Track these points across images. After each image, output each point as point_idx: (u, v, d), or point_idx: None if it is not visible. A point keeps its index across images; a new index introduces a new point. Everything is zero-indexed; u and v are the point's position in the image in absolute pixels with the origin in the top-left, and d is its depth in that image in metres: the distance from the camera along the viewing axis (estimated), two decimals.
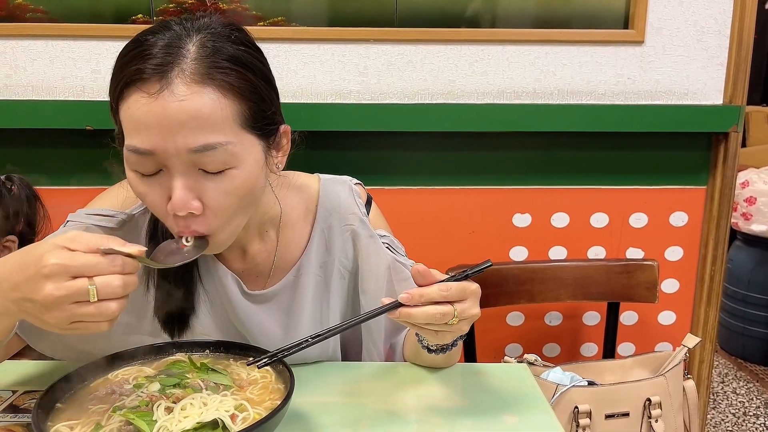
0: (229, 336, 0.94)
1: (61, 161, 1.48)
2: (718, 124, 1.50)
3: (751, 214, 2.68)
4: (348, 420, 0.82)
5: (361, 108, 1.45)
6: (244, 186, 0.76)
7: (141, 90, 0.70)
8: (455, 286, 0.75)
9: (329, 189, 0.98)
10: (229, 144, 0.73)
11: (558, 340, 1.68)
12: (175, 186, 0.72)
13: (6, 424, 0.78)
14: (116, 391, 0.74)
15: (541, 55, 1.48)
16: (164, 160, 0.72)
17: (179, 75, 0.70)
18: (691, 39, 1.49)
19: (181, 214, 0.73)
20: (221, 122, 0.72)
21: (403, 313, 0.74)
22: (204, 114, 0.70)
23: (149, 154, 0.72)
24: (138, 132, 0.71)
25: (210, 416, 0.67)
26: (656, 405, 1.24)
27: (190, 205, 0.73)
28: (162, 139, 0.70)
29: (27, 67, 1.43)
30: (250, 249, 0.94)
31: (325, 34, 1.44)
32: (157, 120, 0.70)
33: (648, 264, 1.44)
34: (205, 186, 0.74)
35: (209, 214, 0.75)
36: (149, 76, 0.70)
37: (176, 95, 0.69)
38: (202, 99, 0.70)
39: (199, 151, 0.71)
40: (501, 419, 0.83)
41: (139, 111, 0.70)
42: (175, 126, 0.70)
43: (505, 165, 1.55)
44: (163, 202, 0.74)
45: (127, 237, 0.89)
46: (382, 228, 1.01)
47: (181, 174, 0.72)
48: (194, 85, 0.70)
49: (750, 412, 2.44)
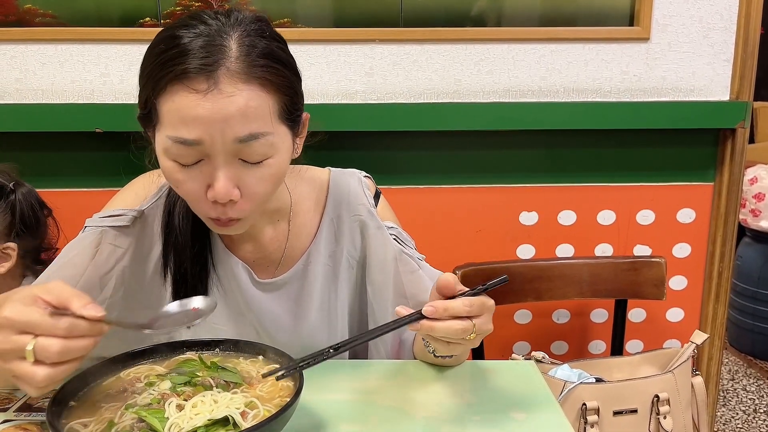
0: (240, 324, 0.97)
1: (70, 164, 1.50)
2: (725, 120, 1.50)
3: (759, 210, 2.66)
4: (357, 417, 0.82)
5: (368, 108, 1.46)
6: (278, 173, 0.81)
7: (188, 87, 0.73)
8: (477, 302, 0.74)
9: (339, 180, 1.01)
10: (269, 135, 0.77)
11: (566, 338, 1.68)
12: (218, 176, 0.76)
13: (20, 422, 0.79)
14: (128, 389, 0.75)
15: (546, 53, 1.48)
16: (209, 149, 0.75)
17: (225, 74, 0.73)
18: (697, 35, 1.49)
19: (222, 202, 0.77)
20: (263, 115, 0.76)
21: (425, 326, 0.73)
22: (249, 108, 0.74)
23: (195, 144, 0.75)
24: (185, 124, 0.74)
25: (221, 413, 0.68)
26: (664, 402, 1.23)
27: (232, 193, 0.77)
28: (209, 131, 0.74)
29: (37, 71, 1.45)
30: (262, 238, 0.96)
31: (331, 35, 1.45)
32: (206, 114, 0.73)
33: (655, 261, 1.44)
34: (244, 175, 0.78)
35: (245, 200, 0.79)
36: (196, 75, 0.73)
37: (224, 93, 0.73)
38: (248, 95, 0.74)
39: (244, 141, 0.75)
40: (509, 416, 0.83)
41: (188, 106, 0.73)
42: (223, 119, 0.73)
43: (512, 163, 1.55)
44: (201, 189, 0.78)
45: (140, 232, 0.93)
46: (390, 220, 1.02)
47: (224, 164, 0.76)
48: (240, 83, 0.74)
49: (760, 410, 2.43)
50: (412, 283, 1.00)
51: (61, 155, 1.49)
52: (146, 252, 0.95)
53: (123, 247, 0.93)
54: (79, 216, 1.33)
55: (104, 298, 0.92)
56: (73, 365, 0.65)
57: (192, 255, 0.93)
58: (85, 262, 0.91)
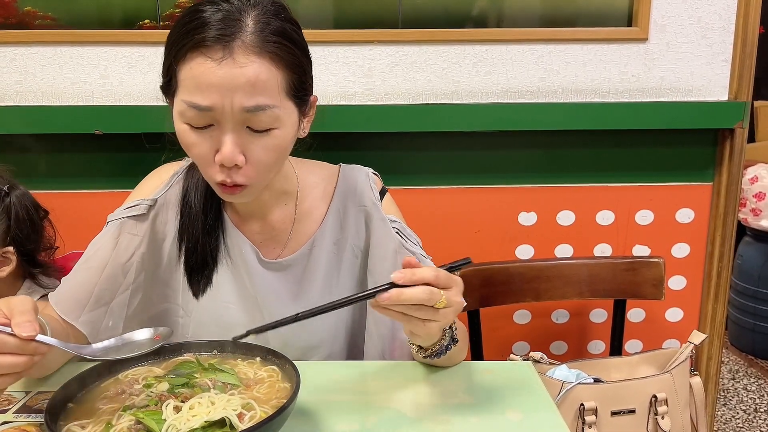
0: (246, 300, 1.01)
1: (70, 165, 1.50)
2: (724, 120, 1.50)
3: (760, 209, 2.66)
4: (354, 417, 0.83)
5: (366, 109, 1.46)
6: (282, 145, 0.87)
7: (205, 55, 0.80)
8: (443, 273, 0.76)
9: (348, 174, 1.07)
10: (276, 107, 0.83)
11: (565, 338, 1.68)
12: (225, 141, 0.82)
13: (20, 424, 0.80)
14: (126, 390, 0.76)
15: (544, 54, 1.49)
16: (219, 116, 0.81)
17: (240, 46, 0.80)
18: (696, 35, 1.49)
19: (228, 166, 0.83)
20: (271, 88, 0.82)
21: (394, 294, 0.73)
22: (259, 80, 0.81)
23: (207, 110, 0.81)
24: (200, 90, 0.80)
25: (218, 415, 0.68)
26: (662, 402, 1.24)
27: (237, 158, 0.83)
28: (221, 98, 0.80)
29: (36, 73, 1.45)
30: (269, 218, 1.02)
31: (330, 36, 1.45)
32: (219, 81, 0.79)
33: (654, 261, 1.45)
34: (250, 143, 0.84)
35: (250, 167, 0.85)
36: (213, 44, 0.79)
37: (237, 62, 0.79)
38: (259, 67, 0.80)
39: (251, 111, 0.81)
40: (505, 416, 0.84)
41: (203, 73, 0.80)
42: (234, 87, 0.80)
43: (511, 164, 1.56)
44: (210, 153, 0.84)
45: (155, 218, 1.00)
46: (394, 215, 1.06)
47: (231, 130, 0.82)
48: (252, 56, 0.80)
49: (761, 409, 2.43)
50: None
51: (60, 157, 1.50)
52: (161, 236, 1.01)
53: (140, 234, 0.99)
54: (79, 217, 1.35)
55: (128, 284, 0.98)
56: (5, 380, 0.68)
57: (204, 226, 0.99)
58: (107, 254, 0.97)
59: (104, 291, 0.96)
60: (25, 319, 0.67)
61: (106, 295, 0.96)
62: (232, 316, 1.01)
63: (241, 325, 0.99)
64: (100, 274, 0.96)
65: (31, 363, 0.68)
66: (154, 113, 1.41)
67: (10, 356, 0.67)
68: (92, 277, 0.96)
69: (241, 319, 1.01)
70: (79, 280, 0.96)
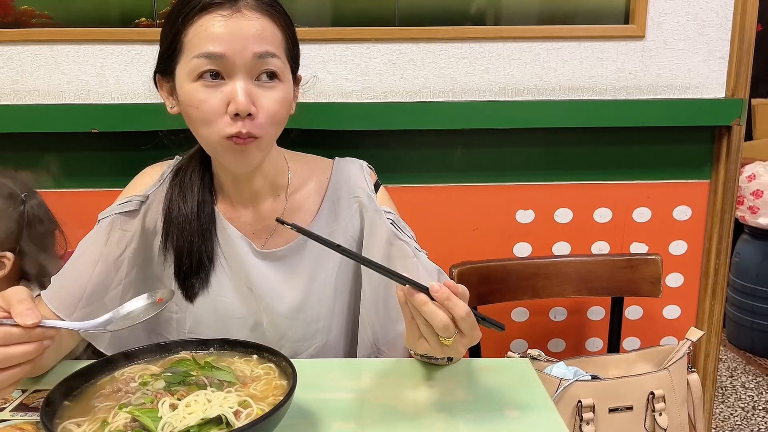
0: (241, 292, 1.01)
1: (67, 164, 1.50)
2: (721, 117, 1.50)
3: (758, 207, 2.67)
4: (351, 415, 0.83)
5: (363, 107, 1.46)
6: (286, 98, 0.91)
7: (214, 13, 0.86)
8: (472, 319, 0.74)
9: (341, 166, 1.08)
10: (280, 58, 0.89)
11: (563, 336, 1.68)
12: (238, 90, 0.86)
13: (16, 422, 0.80)
14: (122, 388, 0.76)
15: (542, 52, 1.48)
16: (230, 65, 0.86)
17: (245, 5, 0.87)
18: (693, 33, 1.49)
19: (243, 114, 0.86)
20: (276, 41, 0.89)
21: (420, 298, 0.72)
22: (266, 31, 0.88)
23: (219, 58, 0.85)
24: (211, 40, 0.85)
25: (214, 412, 0.68)
26: (660, 398, 1.24)
27: (251, 107, 0.86)
28: (232, 45, 0.85)
29: (33, 71, 1.45)
30: (261, 207, 1.02)
31: (327, 34, 1.45)
32: (230, 30, 0.85)
33: (652, 258, 1.45)
34: (259, 94, 0.88)
35: (260, 117, 0.88)
36: (221, 3, 0.86)
37: (246, 16, 0.86)
38: (264, 22, 0.88)
39: (262, 57, 0.87)
40: (503, 413, 0.84)
41: (214, 26, 0.85)
42: (244, 36, 0.86)
43: (508, 161, 1.56)
44: (221, 106, 0.86)
45: (146, 214, 1.01)
46: (388, 206, 1.06)
47: (243, 80, 0.86)
48: (257, 12, 0.88)
49: (759, 407, 2.44)
50: (404, 268, 1.02)
51: (57, 156, 1.50)
52: (152, 233, 1.02)
53: (131, 230, 1.00)
54: (75, 216, 1.34)
55: (120, 279, 0.99)
56: (19, 370, 0.68)
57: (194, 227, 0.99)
58: (99, 250, 0.98)
59: (97, 287, 0.97)
60: (25, 308, 0.67)
61: (99, 291, 0.97)
62: (229, 308, 1.02)
63: (239, 318, 1.01)
64: (92, 270, 0.96)
65: (42, 349, 0.68)
66: (151, 111, 1.41)
67: (20, 346, 0.67)
68: (85, 274, 0.96)
69: (239, 311, 1.02)
70: (71, 276, 0.97)
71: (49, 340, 0.69)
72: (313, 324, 1.03)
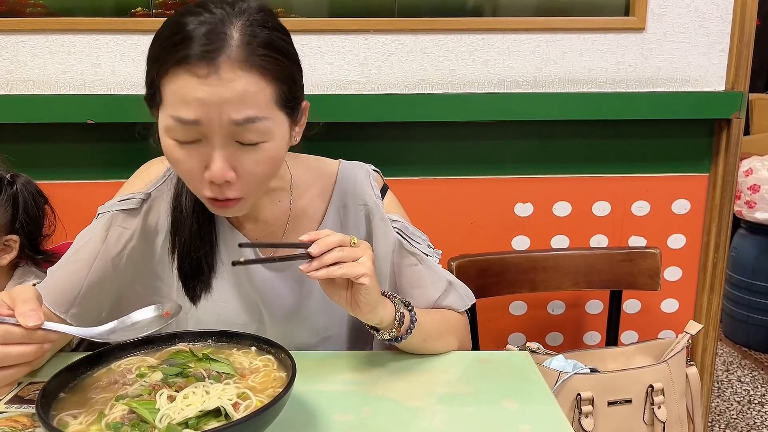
0: (245, 299, 0.99)
1: (62, 155, 1.49)
2: (720, 110, 1.50)
3: (755, 201, 2.67)
4: (349, 407, 0.82)
5: (362, 98, 1.45)
6: (274, 157, 0.84)
7: (189, 72, 0.76)
8: (339, 236, 0.82)
9: (347, 172, 1.04)
10: (265, 120, 0.80)
11: (561, 329, 1.68)
12: (215, 157, 0.79)
13: (11, 414, 0.79)
14: (119, 380, 0.75)
15: (541, 44, 1.48)
16: (206, 130, 0.78)
17: (226, 61, 0.76)
18: (693, 25, 1.48)
19: (218, 183, 0.80)
20: (261, 101, 0.79)
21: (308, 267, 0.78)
22: (247, 94, 0.77)
23: (193, 124, 0.77)
24: (185, 104, 0.77)
25: (212, 404, 0.67)
26: (659, 392, 1.23)
27: (227, 174, 0.80)
28: (207, 112, 0.77)
29: (27, 61, 1.43)
30: (262, 216, 0.99)
31: (325, 25, 1.44)
32: (205, 96, 0.76)
33: (650, 252, 1.44)
34: (241, 157, 0.81)
35: (241, 182, 0.82)
36: (198, 61, 0.75)
37: (223, 79, 0.76)
38: (246, 82, 0.77)
39: (241, 124, 0.78)
40: (502, 406, 0.83)
41: (187, 88, 0.76)
42: (221, 102, 0.76)
43: (507, 154, 1.55)
44: (198, 169, 0.81)
45: (147, 213, 0.98)
46: (396, 213, 1.04)
47: (220, 146, 0.79)
48: (239, 71, 0.76)
49: (755, 401, 2.44)
50: (409, 276, 1.02)
51: (52, 147, 1.48)
52: (154, 232, 0.99)
53: (131, 228, 0.97)
54: (70, 207, 1.33)
55: (118, 278, 0.97)
56: (16, 371, 0.68)
57: (197, 232, 0.96)
58: (97, 246, 0.95)
59: (94, 284, 0.95)
60: (29, 308, 0.66)
61: (95, 289, 0.95)
62: (231, 314, 1.00)
63: (241, 324, 0.99)
64: (89, 267, 0.94)
65: (41, 351, 0.68)
66: None
67: (19, 346, 0.66)
68: (81, 270, 0.94)
69: (241, 318, 1.00)
70: (67, 272, 0.95)
71: (49, 344, 0.68)
72: (317, 331, 1.02)
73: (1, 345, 0.65)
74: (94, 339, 0.73)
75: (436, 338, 0.97)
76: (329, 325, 1.03)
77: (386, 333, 0.89)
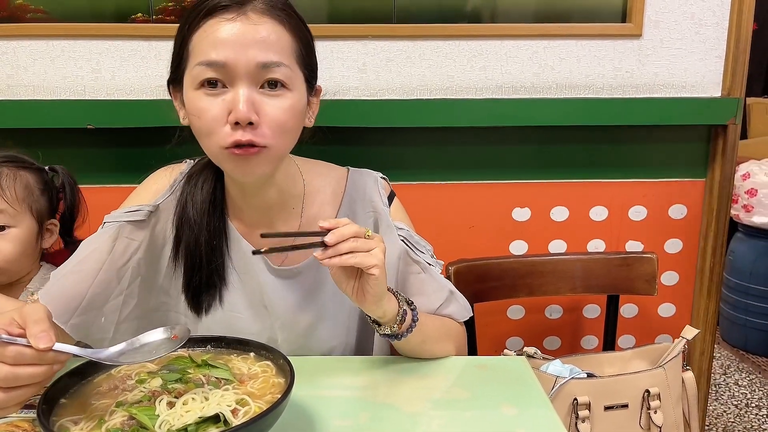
0: (256, 309, 1.00)
1: (62, 160, 1.48)
2: (717, 116, 1.51)
3: (752, 206, 2.68)
4: (348, 413, 0.83)
5: (360, 104, 1.46)
6: (293, 108, 0.87)
7: (218, 18, 0.84)
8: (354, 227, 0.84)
9: (356, 179, 1.06)
10: (287, 68, 0.86)
11: (558, 334, 1.68)
12: (239, 98, 0.83)
13: (12, 419, 0.79)
14: (119, 386, 0.76)
15: (539, 50, 1.48)
16: (232, 73, 0.83)
17: (252, 9, 0.84)
18: (689, 32, 1.49)
19: (242, 122, 0.83)
20: (283, 48, 0.86)
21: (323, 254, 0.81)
22: (272, 38, 0.85)
23: (221, 66, 0.83)
24: (214, 47, 0.83)
25: (211, 411, 0.68)
26: (655, 396, 1.24)
27: (251, 115, 0.83)
28: (235, 53, 0.83)
29: (28, 67, 1.44)
30: (275, 224, 1.00)
31: (324, 31, 1.44)
32: (233, 37, 0.83)
33: (647, 257, 1.45)
34: (263, 102, 0.85)
35: (264, 127, 0.85)
36: (226, 7, 0.83)
37: (251, 20, 0.84)
38: (271, 27, 0.85)
39: (266, 67, 0.84)
40: (500, 411, 0.84)
41: (217, 32, 0.83)
42: (248, 43, 0.83)
43: (505, 159, 1.56)
44: (222, 115, 0.84)
45: (155, 225, 0.98)
46: (402, 221, 1.05)
47: (246, 88, 0.84)
48: (264, 17, 0.85)
49: (752, 404, 2.45)
50: (412, 284, 1.03)
51: (52, 152, 1.47)
52: (160, 244, 1.00)
53: (138, 240, 0.97)
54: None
55: (122, 290, 0.97)
56: (27, 391, 0.67)
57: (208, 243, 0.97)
58: (102, 257, 0.95)
59: (97, 295, 0.94)
60: (40, 329, 0.65)
61: (98, 300, 0.94)
62: (242, 324, 1.00)
63: (251, 333, 0.98)
64: (93, 278, 0.94)
65: (51, 373, 0.67)
66: (146, 108, 1.41)
67: (30, 367, 0.65)
68: (85, 280, 0.94)
69: (252, 327, 1.00)
70: (71, 282, 0.94)
71: (59, 364, 0.68)
72: (328, 342, 1.02)
73: (13, 366, 0.64)
74: (104, 362, 0.72)
75: (434, 341, 0.98)
76: (341, 337, 1.03)
77: (387, 328, 0.90)
